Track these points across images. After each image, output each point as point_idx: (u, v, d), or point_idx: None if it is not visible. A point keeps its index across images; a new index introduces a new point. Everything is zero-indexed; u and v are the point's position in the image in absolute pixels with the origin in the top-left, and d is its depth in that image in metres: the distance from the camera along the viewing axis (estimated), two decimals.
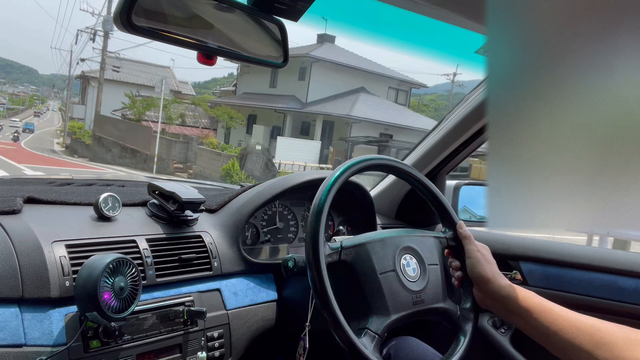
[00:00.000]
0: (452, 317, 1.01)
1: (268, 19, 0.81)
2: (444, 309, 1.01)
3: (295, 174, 1.38)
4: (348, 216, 1.55)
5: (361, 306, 0.95)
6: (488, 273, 0.94)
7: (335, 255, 0.95)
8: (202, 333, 1.06)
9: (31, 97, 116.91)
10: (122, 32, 0.66)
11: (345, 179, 0.99)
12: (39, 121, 61.81)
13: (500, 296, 0.91)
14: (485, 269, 0.95)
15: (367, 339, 0.90)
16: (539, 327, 0.84)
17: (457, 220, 1.10)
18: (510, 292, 0.90)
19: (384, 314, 0.93)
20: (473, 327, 1.00)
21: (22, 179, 1.41)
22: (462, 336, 0.99)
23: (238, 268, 1.21)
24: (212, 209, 1.29)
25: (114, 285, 0.86)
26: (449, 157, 1.58)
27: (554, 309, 0.85)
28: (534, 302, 0.87)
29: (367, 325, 0.92)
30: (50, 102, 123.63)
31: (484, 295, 0.95)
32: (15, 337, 0.80)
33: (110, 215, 1.05)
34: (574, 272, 1.33)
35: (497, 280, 0.93)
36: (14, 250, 0.87)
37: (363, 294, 0.95)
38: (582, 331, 0.78)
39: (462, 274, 1.03)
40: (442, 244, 1.08)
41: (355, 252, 0.97)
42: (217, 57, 0.77)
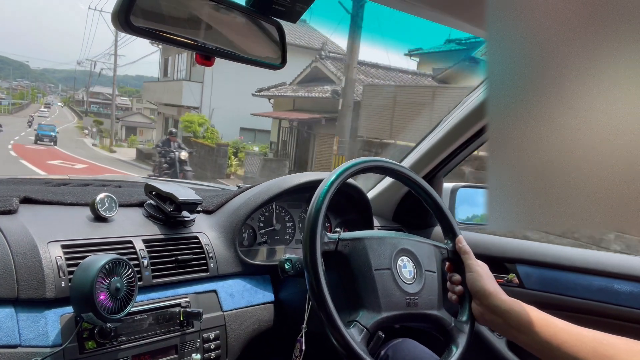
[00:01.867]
0: (445, 327, 1.00)
1: (266, 20, 0.81)
2: (438, 317, 1.00)
3: (293, 176, 1.38)
4: (345, 218, 1.55)
5: (353, 299, 0.95)
6: (490, 287, 0.94)
7: (332, 245, 0.95)
8: (198, 334, 1.06)
9: (33, 89, 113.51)
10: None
11: (343, 181, 0.99)
12: (51, 118, 57.67)
13: (502, 310, 0.90)
14: (487, 282, 0.95)
15: (356, 330, 0.90)
16: (541, 341, 0.83)
17: (458, 233, 1.09)
18: (512, 306, 0.89)
19: (375, 309, 0.93)
20: (467, 339, 0.99)
21: (18, 179, 1.41)
22: (454, 347, 0.98)
23: (235, 269, 1.20)
24: (209, 210, 1.28)
25: (110, 286, 0.86)
26: (446, 159, 1.58)
27: (556, 322, 0.84)
28: (535, 315, 0.86)
29: (357, 318, 0.92)
30: (49, 97, 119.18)
31: (484, 310, 0.94)
32: (10, 338, 0.80)
33: (106, 215, 1.04)
34: (571, 275, 1.34)
35: (499, 294, 0.93)
36: (10, 251, 0.86)
37: (356, 287, 0.95)
38: (585, 344, 0.78)
39: (462, 288, 1.02)
40: (443, 255, 1.07)
41: (353, 246, 0.97)
42: (215, 58, 0.77)
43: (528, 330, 0.85)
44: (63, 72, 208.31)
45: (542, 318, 0.86)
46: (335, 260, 0.97)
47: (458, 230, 1.10)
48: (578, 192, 0.26)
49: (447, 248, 1.08)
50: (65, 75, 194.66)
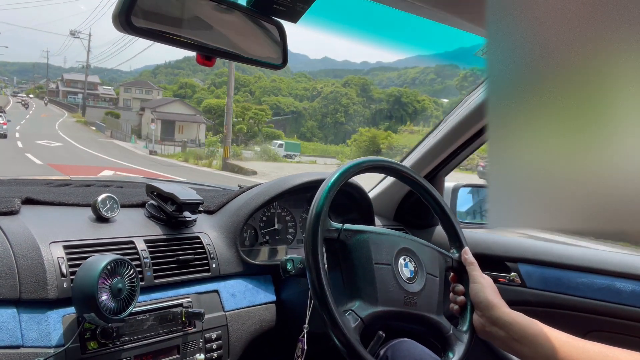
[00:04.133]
0: (443, 333, 0.99)
1: (267, 21, 0.81)
2: (437, 321, 0.99)
3: (294, 176, 1.38)
4: (347, 217, 1.55)
5: (350, 289, 0.95)
6: (493, 299, 0.93)
7: (335, 233, 0.96)
8: (200, 334, 1.06)
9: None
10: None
11: (344, 180, 0.99)
12: (33, 113, 51.06)
13: (504, 322, 0.89)
14: (490, 294, 0.94)
15: (350, 319, 0.90)
16: (545, 354, 0.82)
17: (465, 244, 1.08)
18: (515, 318, 0.88)
19: (372, 302, 0.93)
20: (465, 349, 0.97)
21: (20, 180, 1.41)
22: (450, 353, 0.97)
23: (236, 269, 1.20)
24: (211, 210, 1.29)
25: (112, 287, 0.86)
26: (447, 158, 1.58)
27: (560, 335, 0.83)
28: (538, 328, 0.85)
29: (353, 307, 0.92)
30: (6, 90, 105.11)
31: (485, 321, 0.93)
32: (13, 339, 0.80)
33: (108, 216, 1.05)
34: (572, 274, 1.34)
35: (502, 306, 0.92)
36: (12, 251, 0.86)
37: (354, 278, 0.95)
38: (590, 358, 0.77)
39: (464, 298, 1.01)
40: (447, 263, 1.06)
41: (356, 237, 0.97)
42: (215, 58, 0.77)
43: (531, 343, 0.84)
44: (15, 65, 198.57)
45: (546, 331, 0.84)
46: (336, 248, 0.97)
47: (465, 241, 1.09)
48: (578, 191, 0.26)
49: (452, 257, 1.07)
50: (18, 68, 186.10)
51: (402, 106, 51.17)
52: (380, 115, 52.42)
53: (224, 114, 17.82)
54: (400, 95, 52.63)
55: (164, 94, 62.03)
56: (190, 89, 65.79)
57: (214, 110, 41.66)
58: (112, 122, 40.31)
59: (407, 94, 53.35)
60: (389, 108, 47.54)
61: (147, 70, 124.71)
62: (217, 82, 67.00)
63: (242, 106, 41.55)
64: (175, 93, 61.67)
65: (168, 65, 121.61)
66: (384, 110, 48.50)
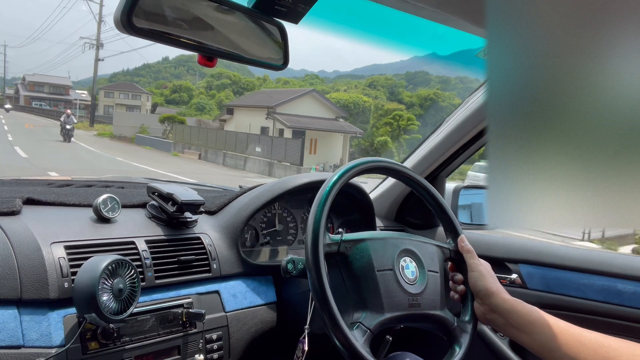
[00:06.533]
0: (448, 327, 1.00)
1: (269, 21, 0.81)
2: (441, 317, 1.00)
3: (295, 177, 1.38)
4: (347, 218, 1.55)
5: (356, 300, 0.95)
6: (492, 286, 0.94)
7: (335, 246, 0.95)
8: (200, 335, 1.06)
9: None
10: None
11: (345, 181, 0.99)
12: (7, 123, 30.39)
13: (504, 309, 0.90)
14: (489, 281, 0.95)
15: (359, 332, 0.90)
16: (542, 341, 0.83)
17: (460, 232, 1.09)
18: (514, 305, 0.89)
19: (378, 311, 0.93)
20: (470, 339, 0.99)
21: (21, 180, 1.41)
22: (457, 346, 0.98)
23: (237, 270, 1.20)
24: (212, 210, 1.29)
25: (112, 287, 0.86)
26: (448, 159, 1.58)
27: (558, 323, 0.84)
28: (537, 316, 0.86)
29: (360, 319, 0.92)
30: None
31: (486, 309, 0.94)
32: (14, 339, 0.80)
33: (109, 216, 1.05)
34: (574, 275, 1.33)
35: (501, 293, 0.92)
36: (13, 251, 0.86)
37: (359, 289, 0.95)
38: (587, 346, 0.78)
39: (464, 287, 1.02)
40: (445, 254, 1.07)
41: (355, 247, 0.97)
42: (217, 59, 0.77)
43: (529, 330, 0.85)
44: None
45: (544, 318, 0.85)
46: (337, 261, 0.97)
47: (460, 229, 1.10)
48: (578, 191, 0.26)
49: (449, 248, 1.07)
50: None
51: (438, 111, 43.81)
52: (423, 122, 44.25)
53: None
54: (437, 99, 45.88)
55: (153, 99, 54.95)
56: (186, 93, 56.93)
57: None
58: (180, 133, 23.52)
59: (443, 97, 47.01)
60: (423, 114, 42.45)
61: (104, 77, 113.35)
62: (214, 84, 62.34)
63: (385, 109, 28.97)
64: (168, 98, 55.83)
65: (126, 73, 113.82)
66: (422, 115, 42.74)
